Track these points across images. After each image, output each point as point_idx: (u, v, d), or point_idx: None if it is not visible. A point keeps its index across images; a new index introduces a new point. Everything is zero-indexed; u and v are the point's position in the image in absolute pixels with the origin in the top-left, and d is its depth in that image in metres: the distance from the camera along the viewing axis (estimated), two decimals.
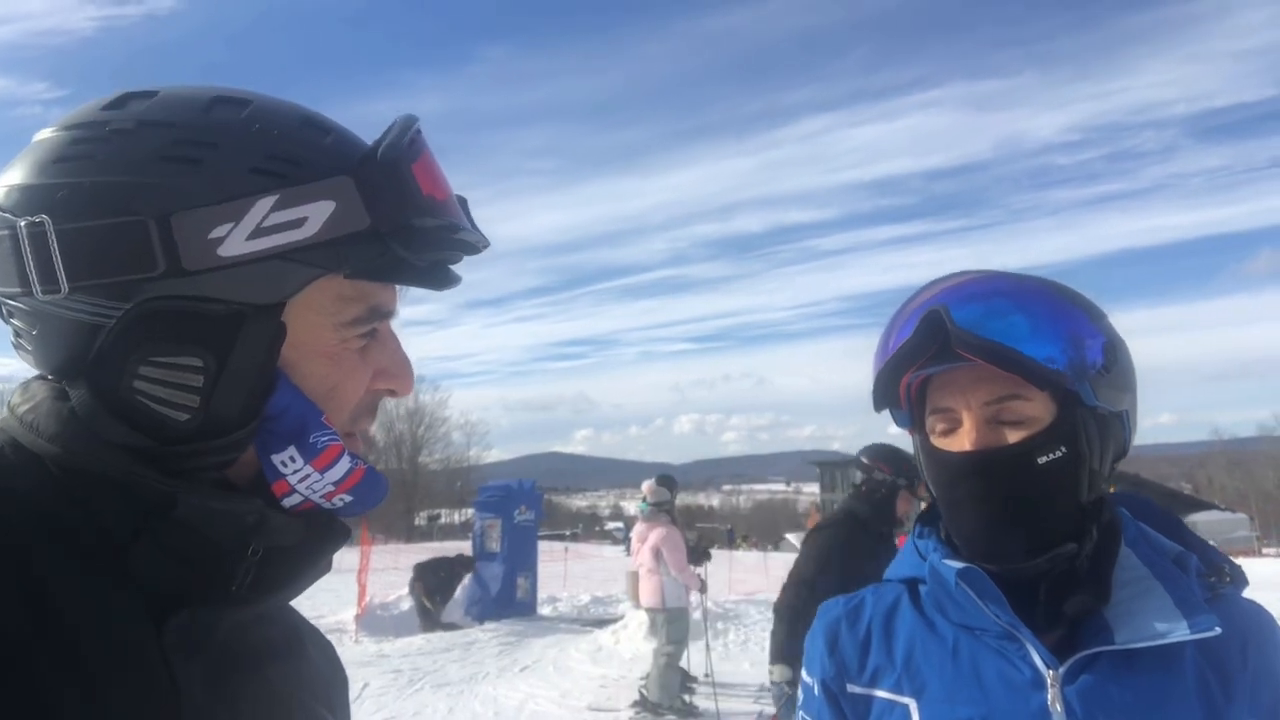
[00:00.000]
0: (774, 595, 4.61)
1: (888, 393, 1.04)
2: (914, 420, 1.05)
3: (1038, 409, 0.94)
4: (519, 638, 11.33)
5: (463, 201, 0.71)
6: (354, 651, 10.36)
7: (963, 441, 0.96)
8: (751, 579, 23.67)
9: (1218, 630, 0.88)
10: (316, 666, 0.79)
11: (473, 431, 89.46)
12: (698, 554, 8.56)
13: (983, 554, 0.96)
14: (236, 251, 0.60)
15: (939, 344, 0.94)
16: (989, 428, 0.95)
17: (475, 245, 0.71)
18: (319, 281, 0.64)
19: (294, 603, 0.76)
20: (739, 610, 13.29)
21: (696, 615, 9.45)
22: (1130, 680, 0.90)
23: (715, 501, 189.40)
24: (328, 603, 15.39)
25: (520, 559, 13.43)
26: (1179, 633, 0.89)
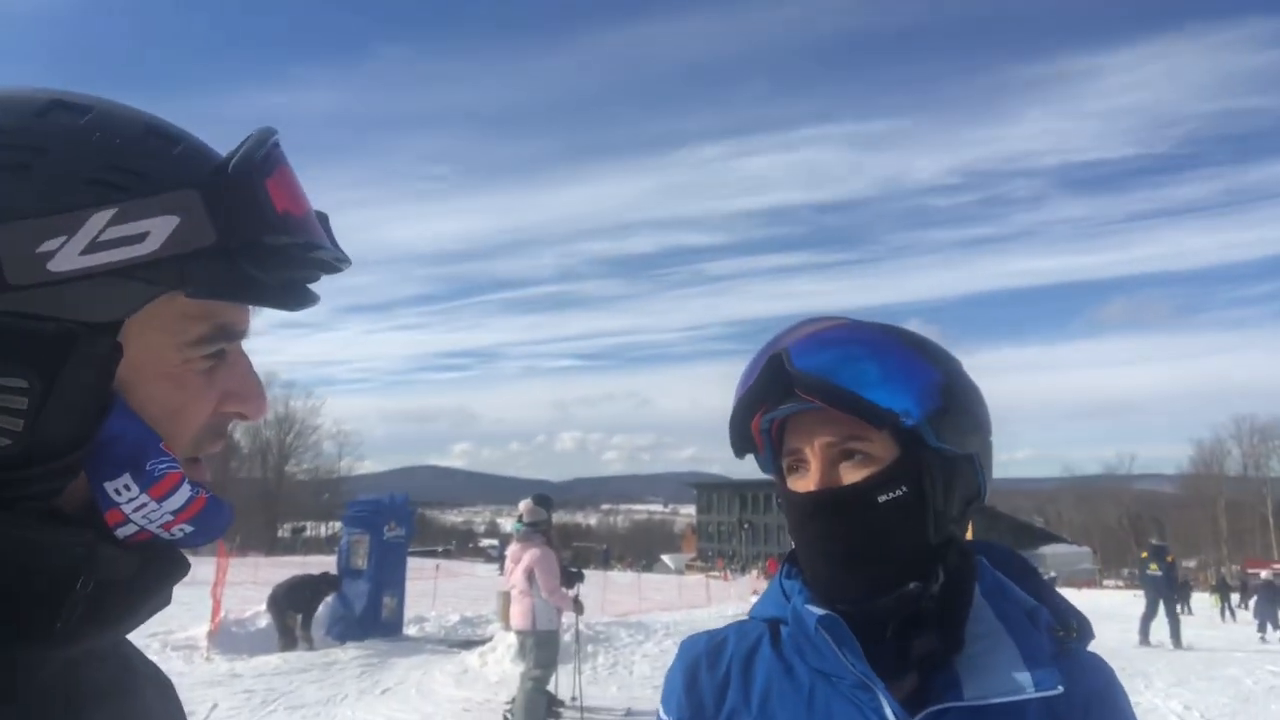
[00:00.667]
0: (646, 616, 4.57)
1: (741, 436, 1.05)
2: (774, 464, 1.06)
3: (879, 449, 0.96)
4: (382, 659, 10.97)
5: (323, 218, 0.68)
6: (204, 670, 9.85)
7: (809, 482, 0.98)
8: (625, 600, 23.72)
9: (1060, 689, 0.91)
10: (152, 710, 0.73)
11: (345, 441, 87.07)
12: (571, 576, 8.49)
13: (829, 593, 0.98)
14: (69, 267, 0.56)
15: (782, 388, 0.97)
16: (833, 468, 0.97)
17: (334, 264, 0.67)
18: (161, 299, 0.60)
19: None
20: (610, 632, 13.24)
21: (568, 637, 9.37)
22: None
23: (593, 520, 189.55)
24: (178, 617, 14.56)
25: (387, 577, 13.03)
26: (1025, 689, 0.91)
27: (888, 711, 0.92)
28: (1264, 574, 28.09)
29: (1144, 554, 17.93)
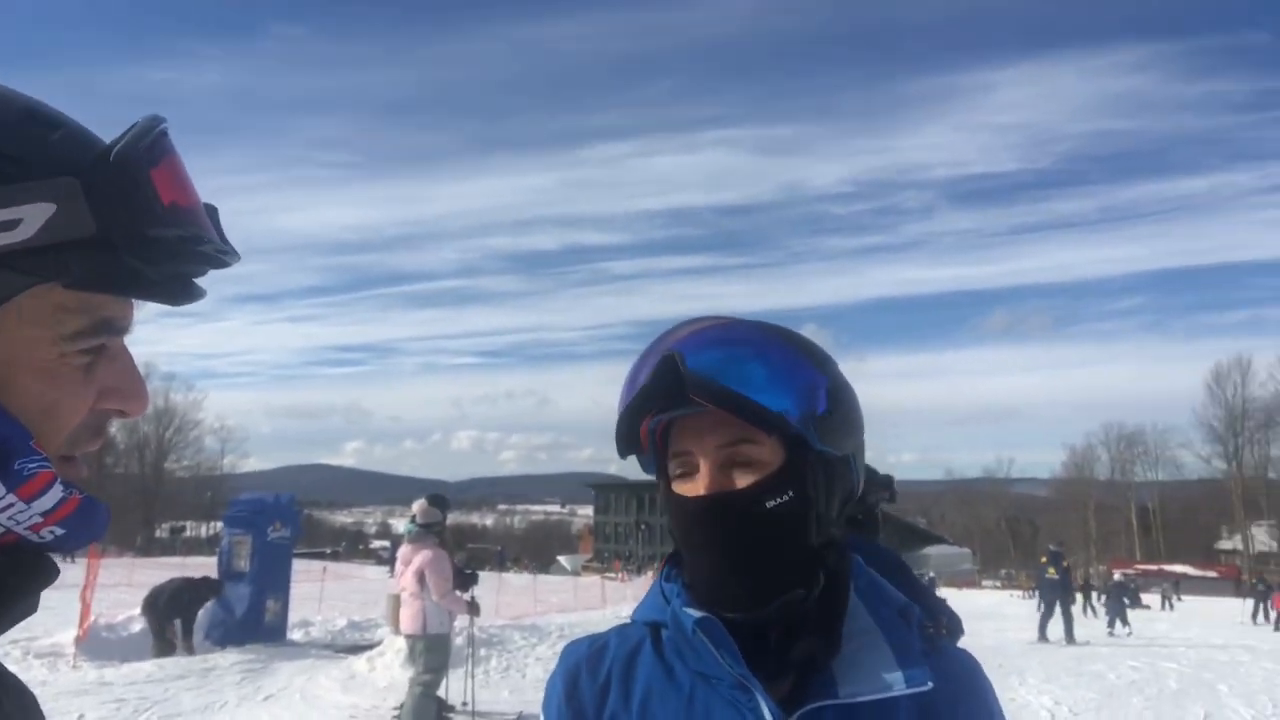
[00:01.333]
0: (541, 619, 4.53)
1: (629, 437, 1.03)
2: (658, 466, 1.05)
3: (767, 454, 0.96)
4: (264, 664, 10.59)
5: (212, 211, 0.65)
6: (71, 679, 9.33)
7: (698, 486, 0.98)
8: (520, 602, 23.52)
9: (930, 685, 0.94)
10: None
11: (228, 437, 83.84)
12: (464, 579, 8.35)
13: (715, 600, 0.97)
14: None
15: (675, 389, 0.95)
16: (722, 472, 0.97)
17: (221, 259, 0.65)
18: (36, 290, 0.57)
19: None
20: (504, 635, 13.10)
21: (461, 640, 9.23)
22: None
23: (489, 521, 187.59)
24: (44, 623, 13.76)
25: (271, 579, 12.57)
26: (896, 687, 0.94)
27: (765, 712, 0.94)
28: (1117, 575, 30.26)
29: (1043, 559, 19.21)
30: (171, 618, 11.60)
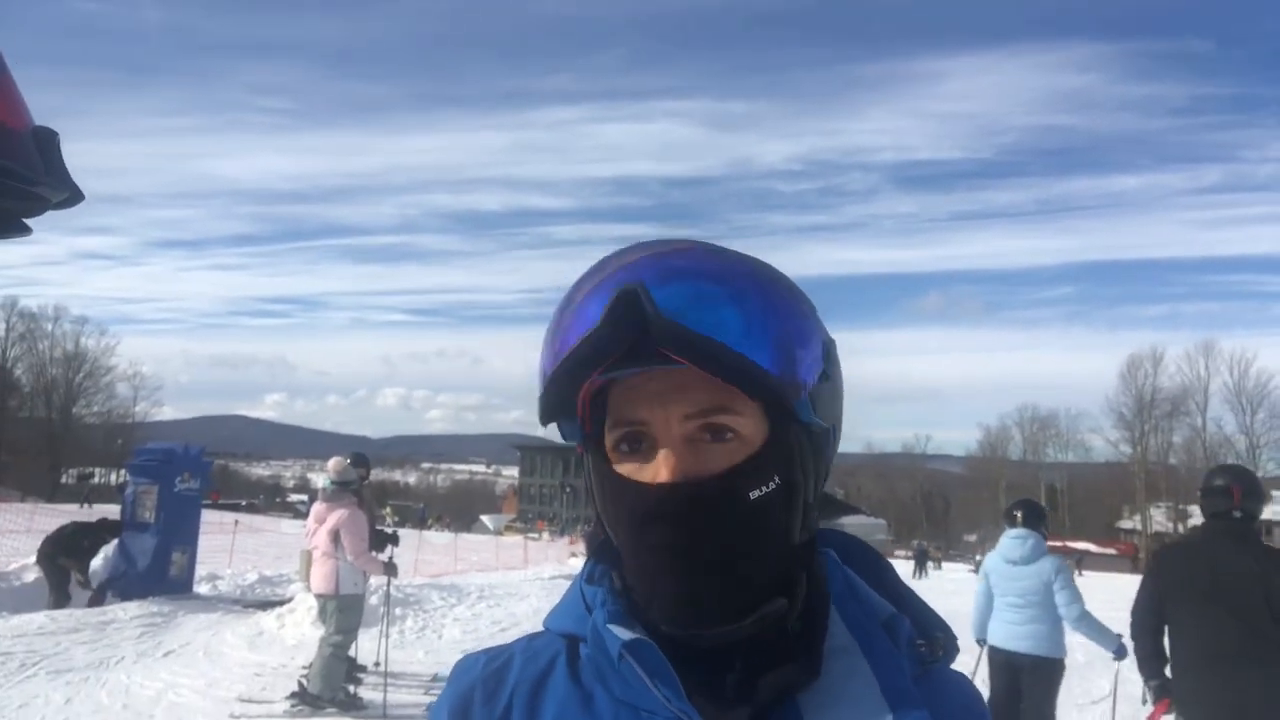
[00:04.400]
0: (461, 578, 4.34)
1: (563, 399, 0.74)
2: (587, 435, 0.77)
3: (749, 426, 0.71)
4: (166, 619, 10.17)
5: (46, 136, 0.56)
6: None
7: (657, 469, 0.71)
8: (439, 560, 23.29)
9: None
10: None
11: (142, 384, 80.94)
12: (384, 539, 8.11)
13: (675, 615, 0.72)
14: None
15: (634, 336, 0.68)
16: (690, 451, 0.71)
17: (42, 197, 0.57)
18: None
19: None
20: (421, 595, 12.90)
21: (375, 600, 8.99)
22: None
23: (413, 479, 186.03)
24: None
25: (178, 531, 12.07)
26: None
27: None
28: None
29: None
30: (66, 559, 11.05)
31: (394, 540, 8.23)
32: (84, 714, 6.40)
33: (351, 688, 7.20)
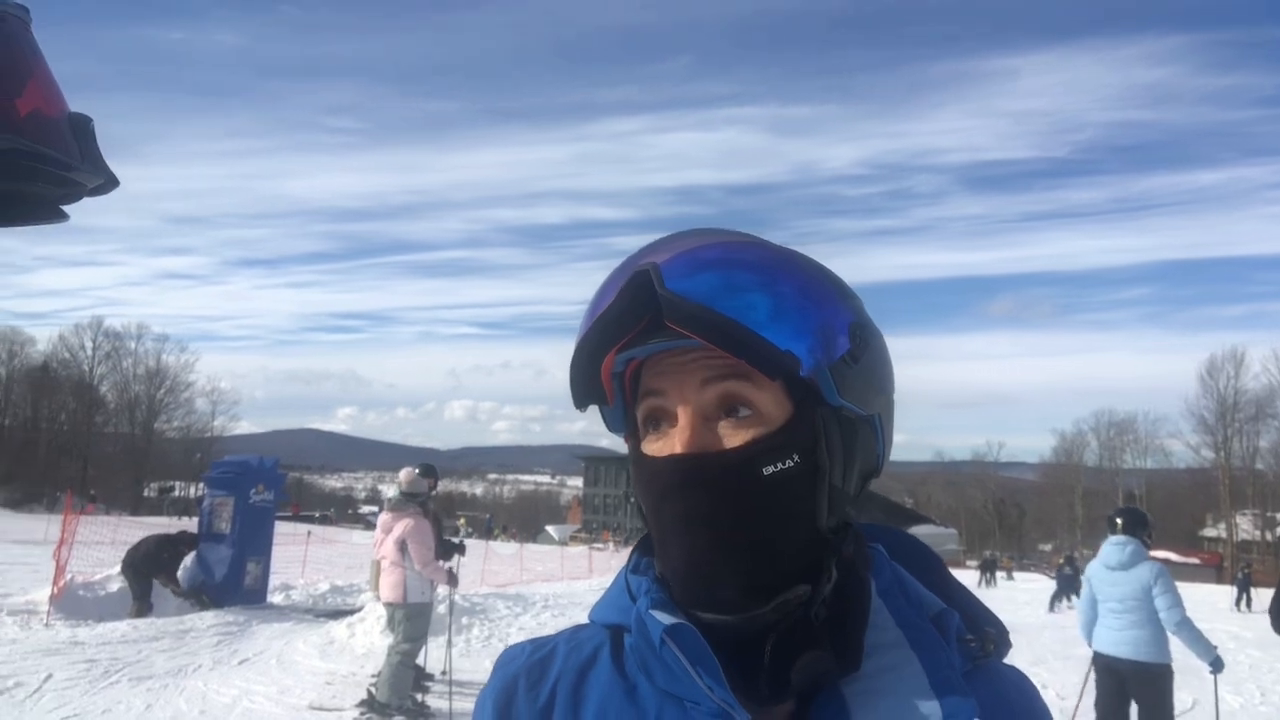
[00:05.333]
0: (526, 588, 4.38)
1: (587, 378, 0.76)
2: (628, 421, 0.78)
3: (769, 405, 0.71)
4: (242, 627, 10.44)
5: (82, 122, 0.53)
6: (42, 637, 9.16)
7: (674, 443, 0.72)
8: (505, 571, 23.50)
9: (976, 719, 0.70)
10: None
11: (220, 399, 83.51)
12: (450, 548, 8.21)
13: (692, 598, 0.72)
14: None
15: (647, 316, 0.71)
16: (705, 425, 0.71)
17: (78, 182, 0.53)
18: None
19: None
20: (488, 604, 13.01)
21: (442, 609, 9.09)
22: None
23: (479, 490, 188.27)
24: (19, 580, 13.65)
25: (252, 542, 12.41)
26: None
27: None
28: (1061, 560, 31.83)
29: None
30: (150, 575, 11.44)
31: (460, 550, 8.31)
32: None
33: (419, 696, 7.28)
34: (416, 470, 7.87)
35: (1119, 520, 5.85)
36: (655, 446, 0.74)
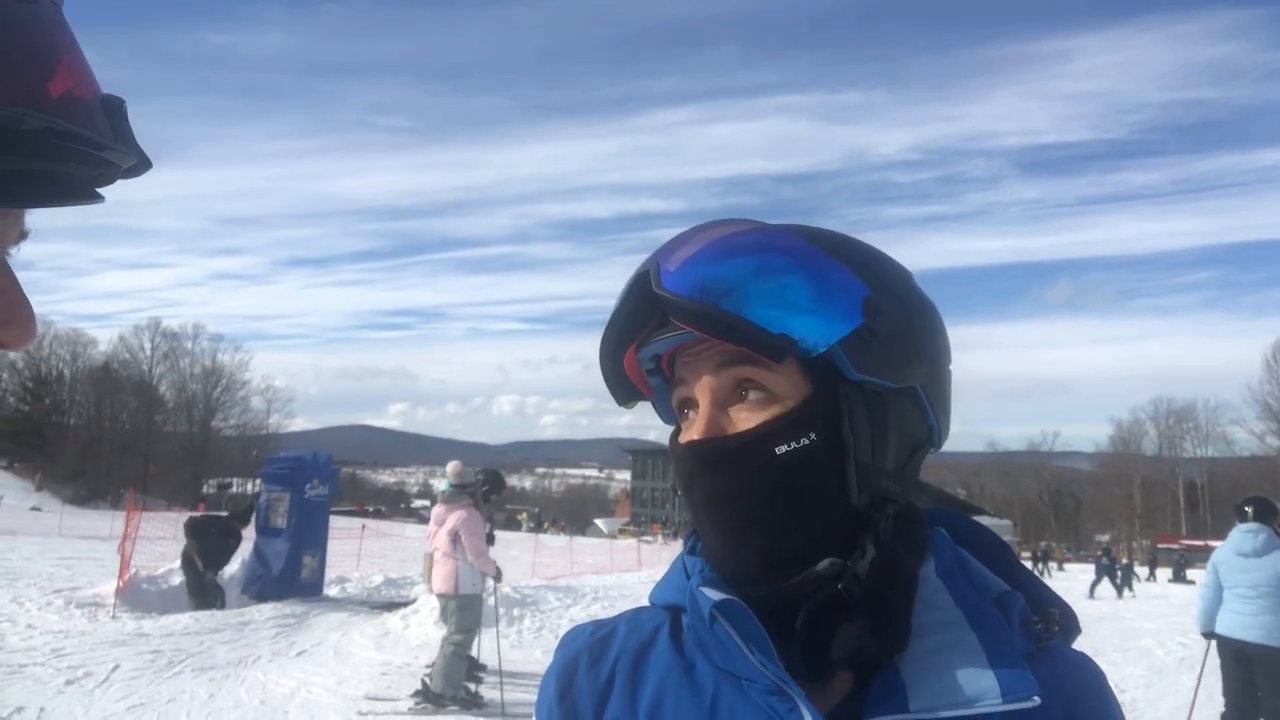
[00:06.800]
0: (576, 580, 4.44)
1: (615, 376, 0.82)
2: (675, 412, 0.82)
3: (783, 386, 0.73)
4: (299, 620, 10.64)
5: (114, 104, 0.52)
6: (109, 629, 9.42)
7: (694, 430, 0.76)
8: (555, 563, 23.67)
9: (1036, 700, 0.68)
10: None
11: (274, 397, 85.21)
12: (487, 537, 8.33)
13: (727, 572, 0.75)
14: None
15: (656, 314, 0.76)
16: (721, 412, 0.74)
17: (112, 163, 0.52)
18: None
19: (52, 572, 0.48)
20: (538, 596, 13.12)
21: (492, 602, 9.19)
22: None
23: (528, 484, 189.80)
24: (88, 573, 14.09)
25: (308, 536, 12.64)
26: (988, 700, 0.68)
27: None
28: (1100, 551, 33.33)
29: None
30: (193, 545, 11.54)
31: (490, 541, 8.44)
32: (225, 709, 6.75)
33: (472, 686, 7.37)
34: (473, 468, 7.98)
35: (1249, 509, 6.13)
36: (685, 434, 0.77)
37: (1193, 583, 35.27)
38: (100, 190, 0.52)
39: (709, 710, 0.74)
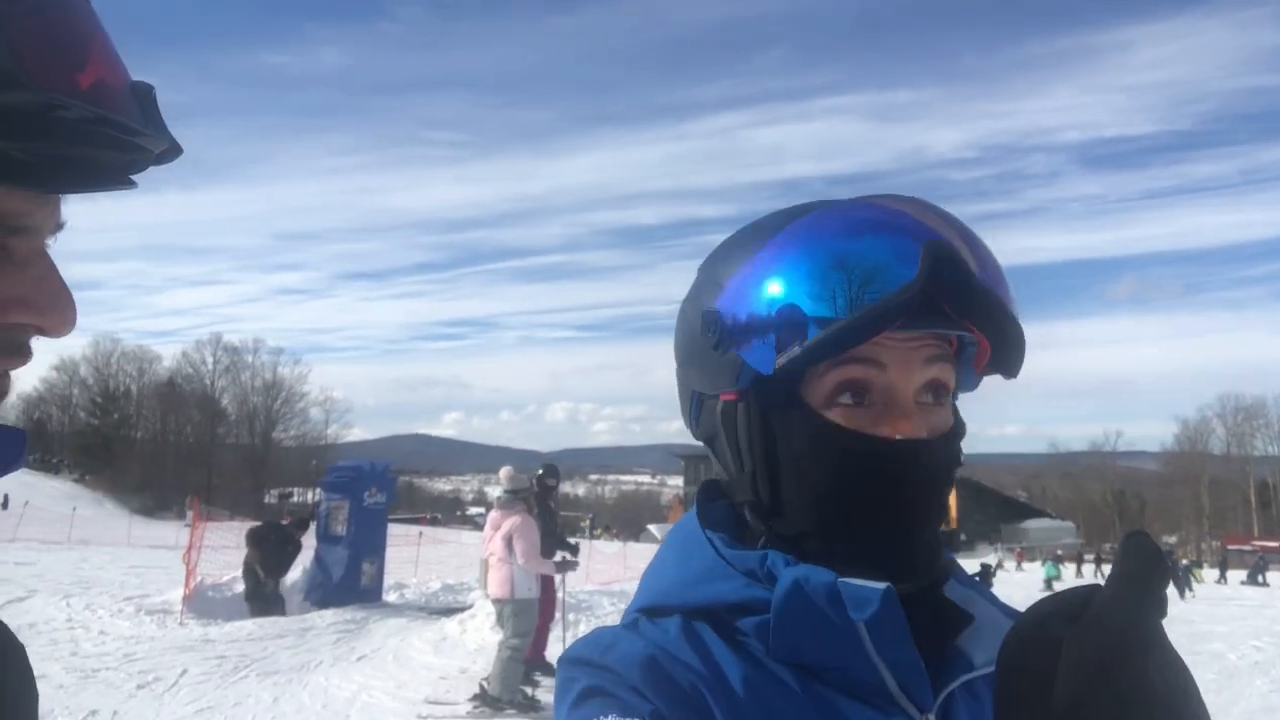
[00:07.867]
0: (630, 585, 4.42)
1: (842, 348, 0.69)
2: (787, 390, 0.72)
3: (952, 384, 0.76)
4: (359, 626, 10.82)
5: (144, 91, 0.53)
6: (177, 635, 9.69)
7: (895, 423, 0.70)
8: (610, 569, 23.71)
9: None
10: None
11: (333, 408, 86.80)
12: (561, 542, 8.42)
13: (892, 570, 0.69)
14: None
15: (950, 298, 0.70)
16: (920, 408, 0.73)
17: (144, 149, 0.52)
18: None
19: (122, 580, 0.51)
20: (593, 601, 13.17)
21: (560, 595, 9.24)
22: (979, 711, 0.74)
23: (581, 490, 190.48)
24: (156, 581, 14.47)
25: (367, 543, 12.85)
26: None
27: (905, 704, 0.70)
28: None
29: None
30: (253, 552, 11.84)
31: (567, 547, 8.51)
32: (289, 713, 6.88)
33: (530, 690, 7.41)
34: (529, 472, 8.06)
35: None
36: (860, 421, 0.71)
37: (1267, 585, 34.09)
38: (134, 178, 0.53)
39: (811, 704, 0.69)
